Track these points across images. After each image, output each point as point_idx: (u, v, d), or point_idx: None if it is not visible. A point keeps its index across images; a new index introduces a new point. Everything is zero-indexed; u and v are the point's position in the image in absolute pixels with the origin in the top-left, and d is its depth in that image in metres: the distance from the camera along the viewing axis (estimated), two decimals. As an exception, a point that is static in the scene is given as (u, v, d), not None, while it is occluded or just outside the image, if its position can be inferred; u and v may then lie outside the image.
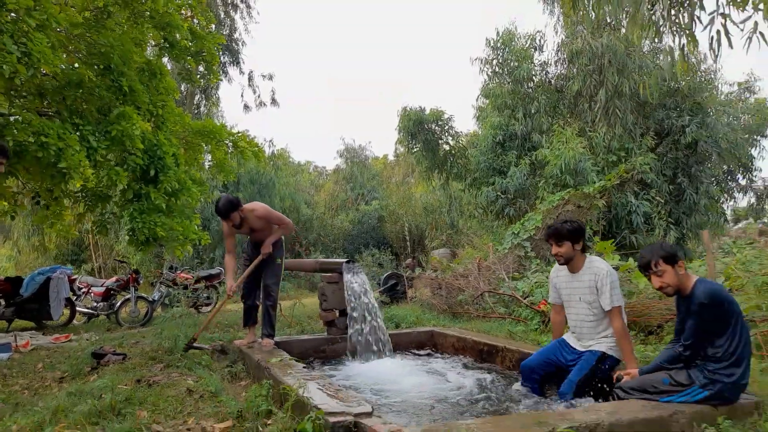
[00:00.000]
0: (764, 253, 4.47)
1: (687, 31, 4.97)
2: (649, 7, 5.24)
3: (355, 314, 5.04)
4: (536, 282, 6.28)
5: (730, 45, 4.62)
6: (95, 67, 7.12)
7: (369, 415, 2.66)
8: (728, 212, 18.11)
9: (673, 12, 5.07)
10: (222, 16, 16.32)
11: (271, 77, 18.03)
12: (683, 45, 5.08)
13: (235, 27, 16.67)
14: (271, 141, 27.37)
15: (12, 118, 6.32)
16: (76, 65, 7.33)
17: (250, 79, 17.53)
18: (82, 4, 7.29)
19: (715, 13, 4.71)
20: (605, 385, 3.31)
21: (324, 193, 28.77)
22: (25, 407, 3.64)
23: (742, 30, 4.41)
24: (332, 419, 2.56)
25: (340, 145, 33.23)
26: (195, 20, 9.17)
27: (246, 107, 18.05)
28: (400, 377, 4.24)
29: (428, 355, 5.36)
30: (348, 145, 30.13)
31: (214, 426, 2.80)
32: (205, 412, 3.07)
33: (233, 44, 16.60)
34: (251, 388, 3.49)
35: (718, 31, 4.70)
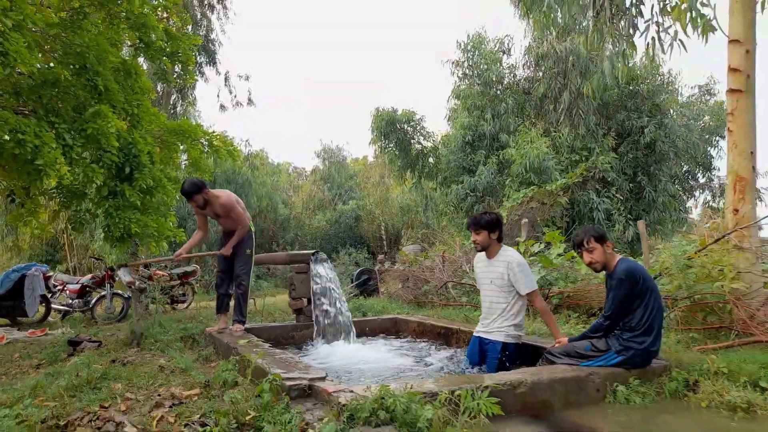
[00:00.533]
0: (689, 240, 4.90)
1: (626, 38, 5.42)
2: (593, 14, 5.67)
3: (321, 301, 5.35)
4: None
5: (663, 51, 5.06)
6: (71, 66, 7.29)
7: (322, 379, 2.98)
8: (696, 211, 18.79)
9: (615, 20, 5.51)
10: (198, 16, 16.46)
11: (247, 78, 18.23)
12: (624, 50, 5.52)
13: (212, 27, 16.84)
14: (247, 141, 27.47)
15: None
16: (52, 65, 7.49)
17: (226, 79, 17.70)
18: (58, 5, 7.46)
19: (650, 22, 5.16)
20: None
21: (302, 193, 29.01)
22: (4, 387, 3.87)
23: (669, 35, 4.87)
24: (289, 383, 2.87)
25: (318, 145, 33.56)
26: (171, 21, 9.37)
27: (222, 107, 18.21)
28: (362, 356, 4.57)
29: (391, 338, 5.69)
30: (325, 145, 30.53)
31: (182, 393, 3.09)
32: (175, 383, 3.35)
33: (210, 45, 16.75)
34: (219, 364, 3.78)
35: (653, 38, 5.15)
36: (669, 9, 4.82)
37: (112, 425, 2.63)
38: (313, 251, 5.76)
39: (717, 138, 16.61)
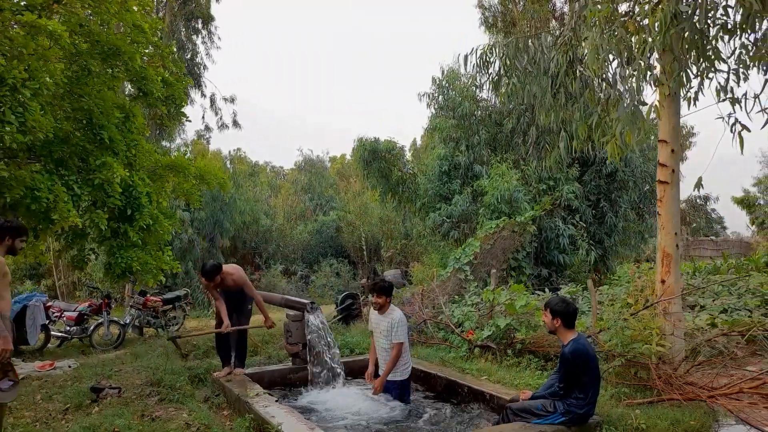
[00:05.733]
0: (631, 287, 5.82)
1: (578, 122, 6.28)
2: (552, 95, 6.53)
3: (314, 349, 6.12)
4: (467, 312, 7.51)
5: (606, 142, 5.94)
6: (78, 121, 7.88)
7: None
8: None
9: (568, 105, 6.37)
10: (184, 40, 16.93)
11: (232, 100, 18.75)
12: (575, 130, 6.39)
13: (197, 51, 17.31)
14: (237, 149, 27.86)
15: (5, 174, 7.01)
16: (58, 119, 8.01)
17: (212, 102, 18.24)
18: (67, 58, 7.94)
19: (595, 111, 6.01)
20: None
21: (281, 197, 29.61)
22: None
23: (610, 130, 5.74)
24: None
25: (299, 156, 34.22)
26: (165, 67, 9.95)
27: (207, 128, 18.73)
28: (354, 403, 5.34)
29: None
30: (306, 156, 31.21)
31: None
32: (205, 444, 4.08)
33: (195, 68, 17.24)
34: (236, 420, 4.51)
35: (596, 123, 6.00)
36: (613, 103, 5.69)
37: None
38: (309, 301, 6.51)
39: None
